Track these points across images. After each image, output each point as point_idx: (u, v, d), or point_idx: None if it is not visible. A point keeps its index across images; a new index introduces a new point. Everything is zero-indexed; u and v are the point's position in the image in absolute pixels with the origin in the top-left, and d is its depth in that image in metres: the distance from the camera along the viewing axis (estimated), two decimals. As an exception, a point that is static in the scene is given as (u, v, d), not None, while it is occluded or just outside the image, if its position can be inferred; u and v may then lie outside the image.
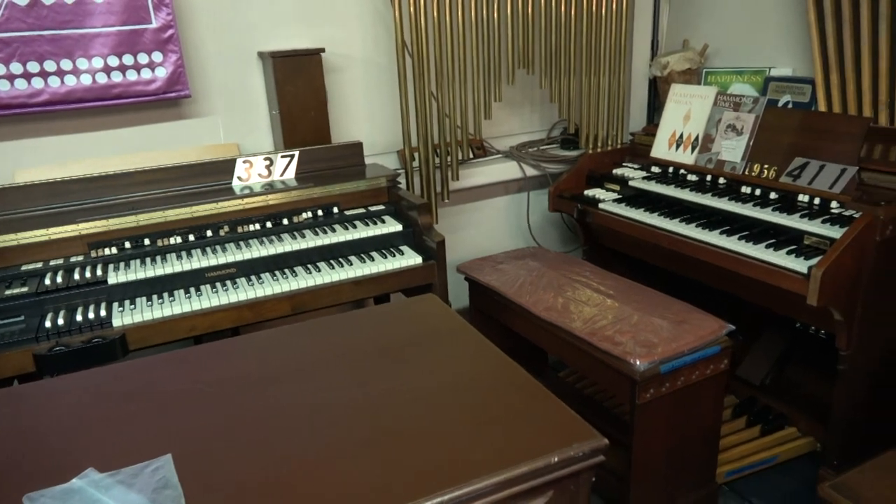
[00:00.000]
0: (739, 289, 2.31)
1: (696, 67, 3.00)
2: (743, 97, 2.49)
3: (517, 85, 2.96)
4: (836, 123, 2.23)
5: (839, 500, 1.42)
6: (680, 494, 2.12)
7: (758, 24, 2.85)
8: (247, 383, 1.26)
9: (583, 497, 1.01)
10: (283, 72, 2.40)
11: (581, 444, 0.97)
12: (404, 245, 2.30)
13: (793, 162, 2.30)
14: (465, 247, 3.05)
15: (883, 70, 2.37)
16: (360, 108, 2.78)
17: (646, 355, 1.89)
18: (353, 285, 2.11)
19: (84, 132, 2.36)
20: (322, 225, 2.29)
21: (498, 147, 3.08)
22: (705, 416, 2.08)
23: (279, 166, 2.41)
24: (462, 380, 1.20)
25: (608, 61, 2.91)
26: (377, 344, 1.35)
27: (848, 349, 2.04)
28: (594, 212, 2.66)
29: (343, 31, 2.65)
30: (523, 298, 2.32)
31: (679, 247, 2.32)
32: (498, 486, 0.92)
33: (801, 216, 2.13)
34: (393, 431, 1.07)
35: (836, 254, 1.87)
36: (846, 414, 2.12)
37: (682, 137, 2.68)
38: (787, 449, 2.38)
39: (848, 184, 2.14)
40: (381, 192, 2.44)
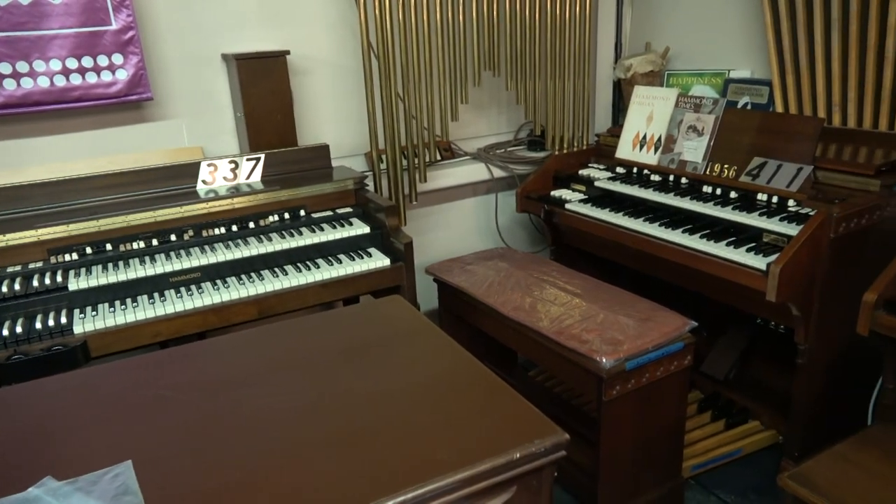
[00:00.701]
0: (702, 286, 2.36)
1: (658, 70, 3.06)
2: (703, 99, 2.55)
3: (484, 87, 2.98)
4: (792, 124, 2.30)
5: (797, 489, 1.47)
6: (647, 489, 2.16)
7: (717, 28, 2.92)
8: (209, 387, 1.25)
9: (545, 492, 1.03)
10: (248, 74, 2.38)
11: (542, 440, 0.99)
12: (372, 247, 2.30)
13: (751, 162, 2.36)
14: (434, 248, 3.06)
15: (836, 72, 2.45)
16: (326, 111, 2.77)
17: (612, 353, 1.92)
18: (321, 288, 2.11)
19: (43, 136, 2.31)
20: (289, 228, 2.27)
21: (466, 149, 3.10)
22: (670, 412, 2.11)
23: (245, 169, 2.39)
24: (426, 379, 1.20)
25: (573, 64, 2.95)
26: (341, 346, 1.35)
27: (806, 343, 2.09)
28: (561, 212, 2.69)
29: (308, 33, 2.64)
30: (491, 299, 2.34)
31: (643, 246, 2.36)
32: (461, 483, 0.93)
33: (759, 214, 2.19)
34: (356, 432, 1.07)
35: (792, 251, 1.93)
36: (806, 406, 2.18)
37: (645, 138, 2.73)
38: (751, 442, 2.43)
39: (804, 182, 2.20)
40: (348, 194, 2.44)
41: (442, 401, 1.13)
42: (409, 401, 1.14)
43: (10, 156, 2.27)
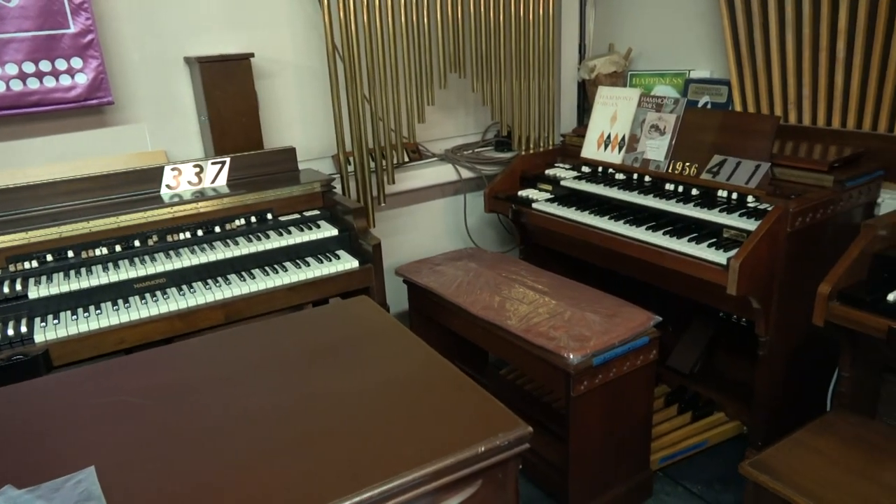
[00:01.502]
0: (667, 282, 2.41)
1: (621, 70, 3.11)
2: (664, 98, 2.60)
3: (450, 89, 3.00)
4: (750, 122, 2.36)
5: (757, 475, 1.51)
6: (616, 482, 2.19)
7: (678, 29, 2.98)
8: (173, 392, 1.24)
9: (511, 485, 1.04)
10: (212, 77, 2.36)
11: (507, 434, 1.00)
12: (340, 249, 2.29)
13: (712, 159, 2.42)
14: (403, 250, 3.07)
15: (791, 72, 2.52)
16: (293, 113, 2.76)
17: (579, 349, 1.95)
18: (289, 291, 2.10)
19: (0, 141, 2.26)
20: (255, 231, 2.26)
21: (433, 150, 3.11)
22: (637, 405, 2.15)
23: (210, 173, 2.37)
24: (392, 378, 1.21)
25: (537, 65, 2.99)
26: (307, 347, 1.35)
27: (767, 335, 2.15)
28: (528, 212, 2.72)
29: (273, 36, 2.63)
30: (461, 299, 2.36)
31: (609, 243, 2.40)
32: (427, 478, 0.94)
33: (720, 211, 2.24)
34: (322, 432, 1.07)
35: (751, 245, 1.98)
36: (768, 396, 2.24)
37: (609, 138, 2.77)
38: (716, 433, 2.49)
39: (762, 179, 2.26)
40: (315, 197, 2.43)
41: (408, 398, 1.14)
42: (375, 399, 1.15)
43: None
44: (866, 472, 1.49)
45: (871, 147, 2.34)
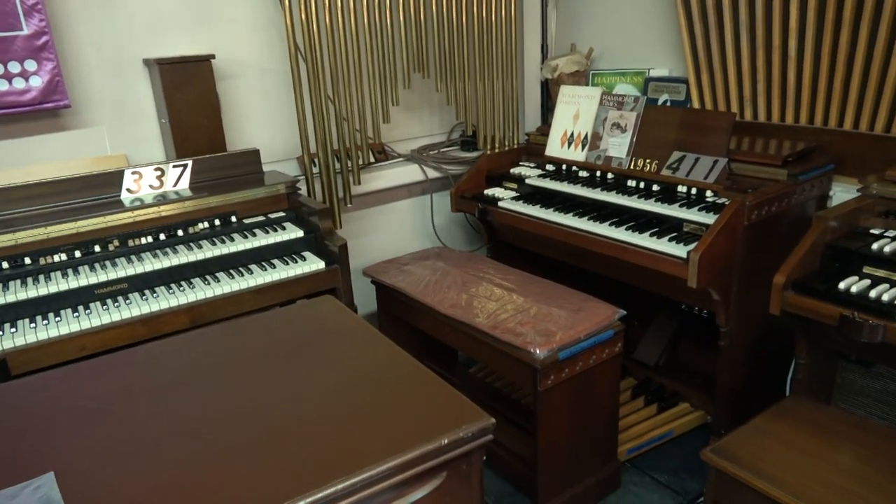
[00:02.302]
0: (631, 276, 2.46)
1: (583, 70, 3.16)
2: (625, 97, 2.65)
3: (415, 89, 3.01)
4: (707, 119, 2.42)
5: (718, 461, 1.55)
6: (585, 474, 2.22)
7: (637, 29, 3.04)
8: (136, 395, 1.22)
9: (475, 476, 1.06)
10: (171, 79, 2.33)
11: (470, 426, 1.01)
12: (306, 251, 2.28)
13: (672, 156, 2.47)
14: (372, 251, 3.06)
15: (745, 70, 2.59)
16: (256, 115, 2.74)
17: (545, 343, 1.97)
18: (254, 294, 2.08)
19: (-50, 147, 2.20)
20: (219, 234, 2.24)
21: (399, 150, 3.11)
22: (604, 398, 2.19)
23: (171, 176, 2.34)
24: (356, 375, 1.22)
25: (501, 65, 3.02)
26: (271, 347, 1.35)
27: (727, 326, 2.21)
28: (494, 210, 2.74)
29: (234, 37, 2.61)
30: (428, 298, 2.37)
31: (573, 240, 2.43)
32: (391, 472, 0.95)
33: (680, 205, 2.29)
34: (286, 429, 1.07)
35: (710, 238, 2.03)
36: (729, 386, 2.29)
37: (572, 136, 2.81)
38: (682, 423, 2.54)
39: (720, 174, 2.32)
40: (280, 198, 2.42)
41: (372, 394, 1.15)
42: (339, 396, 1.15)
43: (-85, 169, 2.15)
44: (820, 454, 1.55)
45: (823, 141, 2.42)
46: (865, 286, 1.75)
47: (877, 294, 1.71)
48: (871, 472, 1.49)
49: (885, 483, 1.45)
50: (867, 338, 1.65)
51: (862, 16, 2.23)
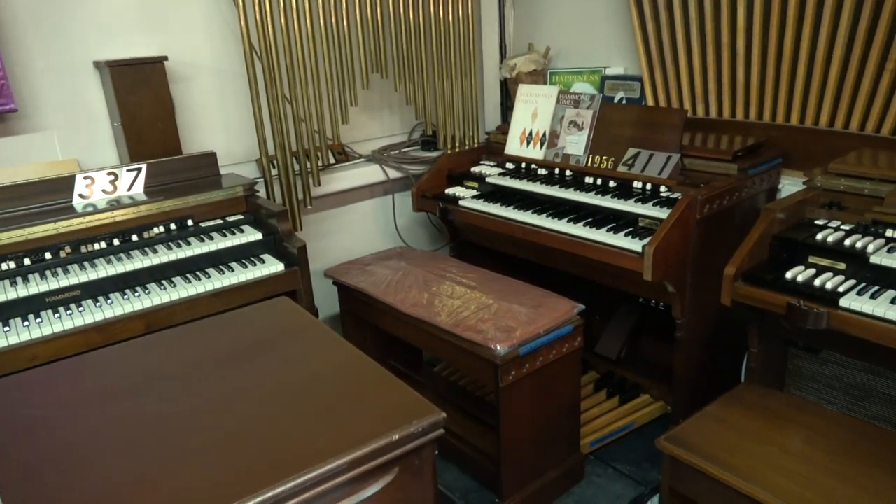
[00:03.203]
0: (590, 272, 2.50)
1: (541, 69, 3.20)
2: (581, 95, 2.69)
3: (374, 89, 3.01)
4: (660, 116, 2.47)
5: (673, 449, 1.59)
6: (548, 467, 2.25)
7: (593, 28, 3.09)
8: (82, 403, 1.20)
9: (428, 470, 1.07)
10: (123, 82, 2.29)
11: (420, 421, 1.02)
12: (265, 253, 2.27)
13: (627, 152, 2.52)
14: (334, 252, 3.05)
15: (696, 68, 2.65)
16: (213, 117, 2.70)
17: (505, 340, 1.99)
18: (212, 298, 2.06)
19: None
20: (176, 239, 2.21)
21: (360, 151, 3.11)
22: (565, 392, 2.22)
23: (125, 181, 2.30)
24: (309, 374, 1.22)
25: (459, 65, 3.03)
26: (225, 349, 1.34)
27: (683, 317, 2.26)
28: (455, 209, 2.76)
29: (188, 38, 2.57)
30: (390, 297, 2.37)
31: (533, 237, 2.46)
32: (342, 468, 0.95)
33: (635, 201, 2.34)
34: (238, 430, 1.07)
35: (663, 232, 2.08)
36: (686, 376, 2.35)
37: (531, 134, 2.84)
38: (642, 414, 2.59)
39: (673, 169, 2.38)
40: (238, 201, 2.39)
41: (324, 393, 1.15)
42: (292, 396, 1.15)
43: None
44: (769, 438, 1.60)
45: (771, 136, 2.50)
46: (811, 275, 1.81)
47: (821, 282, 1.77)
48: (817, 453, 1.55)
49: (830, 464, 1.51)
50: (813, 325, 1.71)
51: (805, 16, 2.30)
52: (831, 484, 1.44)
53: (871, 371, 2.00)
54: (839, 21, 2.23)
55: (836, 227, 1.93)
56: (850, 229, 1.90)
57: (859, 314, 1.64)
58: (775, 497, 1.40)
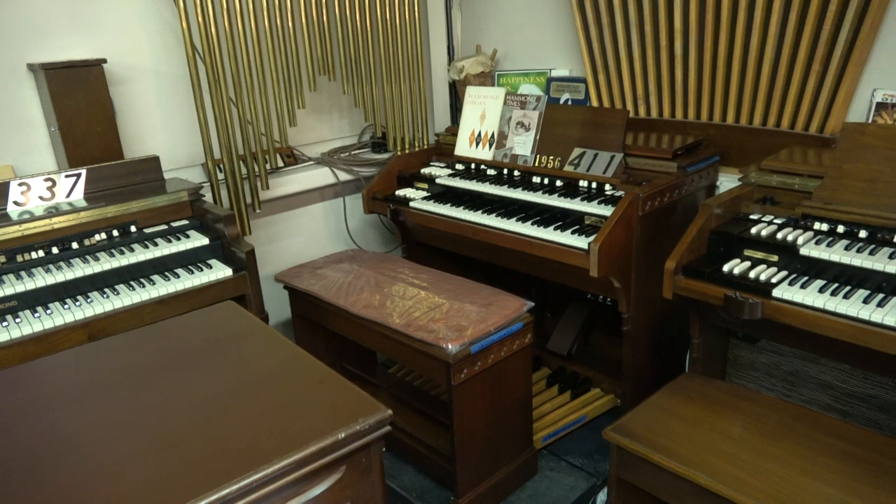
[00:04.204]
0: (540, 269, 2.54)
1: (488, 71, 3.24)
2: (527, 96, 2.74)
3: (323, 92, 2.99)
4: (603, 116, 2.54)
5: (618, 439, 1.63)
6: (502, 463, 2.28)
7: (539, 31, 3.14)
8: (25, 413, 1.17)
9: (376, 467, 1.08)
10: (59, 85, 2.22)
11: (366, 418, 1.03)
12: (213, 258, 2.23)
13: (573, 152, 2.58)
14: (285, 256, 3.02)
15: (637, 70, 2.73)
16: (156, 121, 2.65)
17: (456, 338, 2.02)
18: (157, 305, 2.02)
19: None
20: (118, 246, 2.15)
21: (309, 154, 3.09)
22: (517, 388, 2.25)
23: (64, 187, 2.23)
24: (254, 377, 1.21)
25: (407, 67, 3.05)
26: (167, 355, 1.32)
27: (629, 311, 2.33)
28: (406, 210, 2.77)
29: (128, 40, 2.51)
30: (342, 300, 2.36)
31: (483, 236, 2.49)
32: (288, 468, 0.95)
33: (581, 199, 2.39)
34: (181, 435, 1.05)
35: (608, 229, 2.13)
36: (634, 368, 2.42)
37: (480, 136, 2.88)
38: (594, 408, 2.65)
39: (617, 168, 2.44)
40: (183, 206, 2.35)
41: (269, 395, 1.15)
42: (237, 398, 1.14)
43: None
44: (709, 424, 1.66)
45: (709, 135, 2.59)
46: (746, 267, 1.89)
47: (755, 274, 1.85)
48: (754, 438, 1.62)
49: (766, 447, 1.58)
50: (748, 315, 1.78)
51: (737, 19, 2.40)
52: (766, 465, 1.51)
53: (804, 358, 2.10)
54: (769, 24, 2.33)
55: (770, 221, 2.02)
56: (782, 223, 1.99)
57: (790, 303, 1.73)
58: (714, 480, 1.46)
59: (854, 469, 1.49)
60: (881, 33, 2.18)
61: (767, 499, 1.41)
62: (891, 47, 2.17)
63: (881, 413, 1.98)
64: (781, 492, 1.43)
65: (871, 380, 1.98)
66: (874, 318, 1.59)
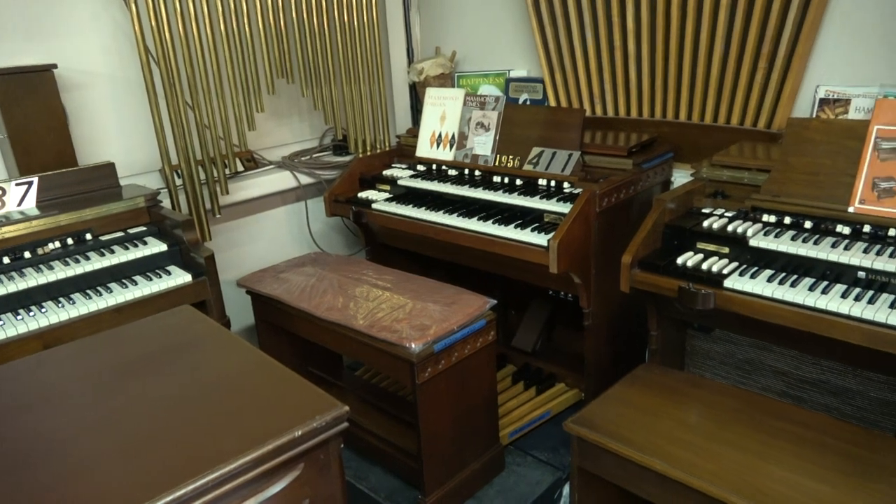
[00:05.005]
0: (502, 268, 2.57)
1: (448, 72, 3.26)
2: (486, 97, 2.77)
3: (282, 95, 2.98)
4: (560, 116, 2.59)
5: (578, 430, 1.67)
6: (469, 460, 2.30)
7: (498, 32, 3.18)
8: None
9: (335, 464, 1.08)
10: (7, 92, 2.17)
11: (323, 416, 1.04)
12: (171, 265, 2.21)
13: (532, 151, 2.62)
14: (248, 262, 2.99)
15: (593, 70, 2.79)
16: (110, 127, 2.60)
17: (420, 338, 2.03)
18: (115, 313, 1.98)
19: None
20: (74, 254, 2.11)
21: (270, 158, 3.07)
22: (482, 385, 2.28)
23: (14, 196, 2.18)
24: (211, 379, 1.21)
25: (366, 69, 3.05)
26: (123, 361, 1.31)
27: (589, 307, 2.37)
28: (368, 212, 2.77)
29: (80, 45, 2.47)
30: (305, 303, 2.36)
31: (445, 236, 2.51)
32: (246, 467, 0.95)
33: (540, 198, 2.43)
34: (136, 440, 1.05)
35: (566, 226, 2.17)
36: (596, 362, 2.46)
37: (440, 137, 2.90)
38: (558, 402, 2.69)
39: (574, 166, 2.49)
40: (140, 213, 2.32)
41: (227, 396, 1.14)
42: (193, 401, 1.14)
43: None
44: (665, 413, 1.70)
45: (663, 132, 2.66)
46: (699, 260, 1.95)
47: (707, 266, 1.90)
48: (709, 425, 1.66)
49: (721, 433, 1.63)
50: (701, 305, 1.84)
51: (686, 19, 2.47)
52: (720, 450, 1.56)
53: (758, 346, 2.17)
54: (717, 24, 2.40)
55: (721, 214, 2.08)
56: (733, 216, 2.06)
57: (740, 293, 1.78)
58: (670, 466, 1.51)
59: (805, 451, 1.55)
60: (822, 31, 2.27)
61: (721, 482, 1.45)
62: (832, 45, 2.26)
63: (832, 397, 2.05)
64: (735, 475, 1.48)
65: (822, 365, 2.05)
66: (819, 304, 1.66)
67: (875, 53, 2.19)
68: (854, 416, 2.01)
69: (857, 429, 1.62)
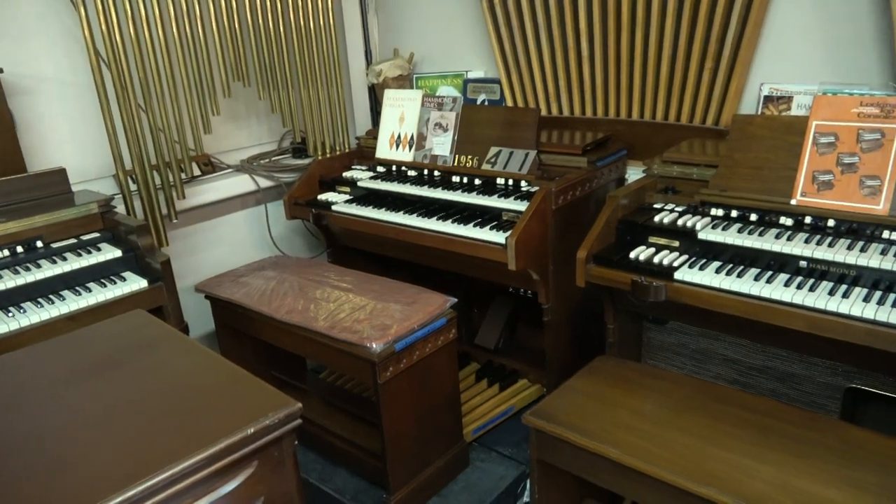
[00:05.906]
0: (462, 266, 2.60)
1: (406, 73, 3.28)
2: (444, 98, 2.79)
3: (239, 98, 2.96)
4: (516, 116, 2.63)
5: (536, 422, 1.70)
6: (433, 458, 2.32)
7: (455, 34, 3.21)
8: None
9: (289, 461, 1.09)
10: (-49, 97, 2.12)
11: (276, 413, 1.05)
12: (126, 271, 2.18)
13: (490, 151, 2.65)
14: (208, 267, 2.96)
15: (548, 70, 2.84)
16: (62, 132, 2.55)
17: (380, 337, 2.04)
18: (68, 321, 1.95)
19: None
20: (24, 262, 2.07)
21: (228, 161, 3.04)
22: (444, 383, 2.30)
23: (-40, 203, 2.12)
24: (163, 381, 1.20)
25: (324, 72, 3.05)
26: (74, 366, 1.29)
27: (548, 302, 2.41)
28: (329, 214, 2.77)
29: (25, 49, 2.41)
30: (265, 306, 2.35)
31: (406, 236, 2.53)
32: (199, 466, 0.96)
33: (498, 196, 2.47)
34: (84, 446, 1.04)
35: (523, 224, 2.21)
36: (557, 357, 2.51)
37: (400, 138, 2.92)
38: (521, 398, 2.73)
39: (531, 165, 2.53)
40: (93, 219, 2.28)
41: (178, 398, 1.14)
42: (146, 404, 1.13)
43: None
44: (621, 403, 1.75)
45: (617, 131, 2.72)
46: (651, 254, 2.00)
47: (659, 259, 1.96)
48: (663, 412, 1.71)
49: (673, 420, 1.68)
50: (654, 297, 1.89)
51: (636, 20, 2.53)
52: (673, 436, 1.61)
53: (709, 336, 2.24)
54: (665, 24, 2.47)
55: (671, 209, 2.15)
56: (683, 210, 2.12)
57: (690, 284, 1.84)
58: (624, 453, 1.55)
59: (753, 434, 1.61)
60: (765, 30, 2.35)
61: (673, 467, 1.50)
62: (774, 44, 2.35)
63: (779, 383, 2.13)
64: (686, 459, 1.53)
65: (769, 353, 2.12)
66: (763, 293, 1.72)
67: (815, 53, 2.28)
68: (800, 401, 2.09)
69: (803, 411, 1.69)
